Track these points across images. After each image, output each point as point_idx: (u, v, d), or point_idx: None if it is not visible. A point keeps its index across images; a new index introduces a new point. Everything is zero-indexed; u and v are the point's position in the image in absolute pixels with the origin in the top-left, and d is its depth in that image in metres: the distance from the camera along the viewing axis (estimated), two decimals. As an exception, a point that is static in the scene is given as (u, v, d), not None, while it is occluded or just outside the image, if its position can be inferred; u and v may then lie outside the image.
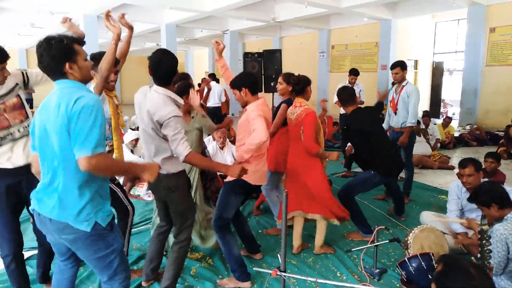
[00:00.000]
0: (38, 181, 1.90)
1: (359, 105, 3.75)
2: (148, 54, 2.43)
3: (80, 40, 1.80)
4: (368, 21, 12.64)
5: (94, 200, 1.75)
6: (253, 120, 2.59)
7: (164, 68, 2.34)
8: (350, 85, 6.48)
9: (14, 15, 12.12)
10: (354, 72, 6.51)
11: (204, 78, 8.22)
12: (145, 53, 21.65)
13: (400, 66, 4.56)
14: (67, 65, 1.70)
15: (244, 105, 2.77)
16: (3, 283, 2.80)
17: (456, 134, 9.17)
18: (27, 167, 2.21)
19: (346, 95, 3.57)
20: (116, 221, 2.03)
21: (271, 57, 7.96)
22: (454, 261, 1.60)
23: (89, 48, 2.61)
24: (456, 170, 3.47)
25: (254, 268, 2.87)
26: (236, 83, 2.74)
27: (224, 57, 3.13)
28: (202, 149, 3.38)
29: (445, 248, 2.96)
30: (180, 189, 2.41)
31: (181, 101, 2.40)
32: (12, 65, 2.32)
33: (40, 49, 1.69)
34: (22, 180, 2.28)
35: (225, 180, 2.84)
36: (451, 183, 3.48)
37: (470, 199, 2.69)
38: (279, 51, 8.18)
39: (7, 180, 2.25)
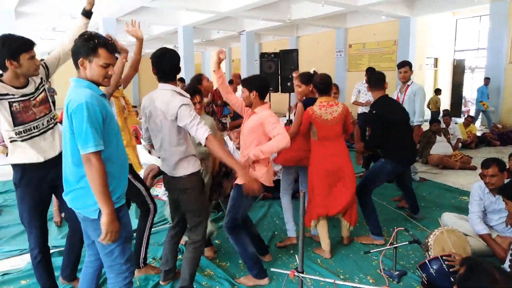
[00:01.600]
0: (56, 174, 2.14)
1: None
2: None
3: (111, 47, 1.88)
4: (386, 19, 12.46)
5: None
6: (274, 124, 2.61)
7: (166, 64, 2.36)
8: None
9: (36, 20, 12.45)
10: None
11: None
12: (163, 55, 21.92)
13: (409, 65, 4.59)
14: (80, 59, 1.84)
15: (249, 105, 2.78)
16: (25, 278, 2.87)
17: (478, 134, 8.94)
18: (55, 159, 2.32)
19: (374, 78, 3.53)
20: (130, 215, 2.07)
21: (288, 57, 7.93)
22: (477, 264, 1.55)
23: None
24: (479, 171, 3.39)
25: (271, 269, 2.85)
26: (249, 83, 2.75)
27: (221, 68, 3.04)
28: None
29: (467, 250, 2.89)
30: (190, 190, 2.43)
31: (187, 95, 2.40)
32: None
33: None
34: (50, 172, 2.35)
35: (237, 182, 2.81)
36: (473, 184, 3.39)
37: (499, 192, 2.64)
38: (295, 51, 8.14)
39: (37, 174, 2.32)
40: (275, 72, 7.96)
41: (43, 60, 2.45)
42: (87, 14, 2.60)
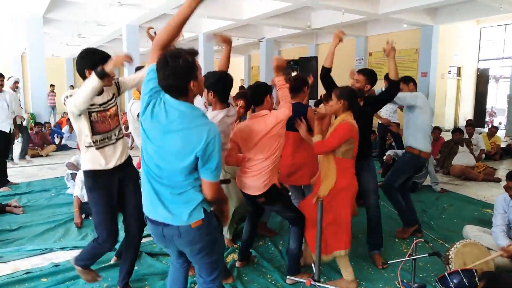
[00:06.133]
0: (131, 178, 2.54)
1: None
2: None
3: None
4: (407, 27, 12.32)
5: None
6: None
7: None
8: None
9: (62, 26, 12.85)
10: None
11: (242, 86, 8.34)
12: (183, 61, 22.23)
13: None
14: (191, 82, 1.75)
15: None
16: (46, 276, 2.94)
17: (503, 145, 8.68)
18: (120, 165, 2.51)
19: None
20: None
21: (307, 65, 7.95)
22: (497, 278, 1.51)
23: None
24: (503, 183, 3.29)
25: (288, 277, 2.84)
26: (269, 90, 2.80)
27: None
28: None
29: (490, 265, 2.79)
30: None
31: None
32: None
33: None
34: (116, 176, 2.52)
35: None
36: (497, 196, 3.29)
37: None
38: (315, 59, 8.14)
39: (107, 179, 2.48)
40: (294, 79, 7.95)
41: (118, 78, 2.60)
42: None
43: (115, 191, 2.54)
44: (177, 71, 1.67)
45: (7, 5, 9.92)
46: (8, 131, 5.60)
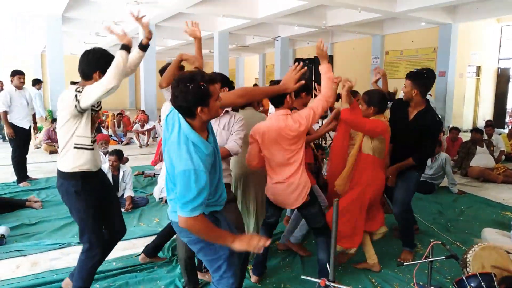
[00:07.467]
0: (104, 182, 2.52)
1: None
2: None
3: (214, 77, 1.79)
4: (425, 26, 12.10)
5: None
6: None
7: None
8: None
9: (80, 25, 13.07)
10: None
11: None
12: (198, 59, 22.35)
13: None
14: (198, 108, 1.73)
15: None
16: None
17: (524, 146, 8.46)
18: (99, 171, 2.54)
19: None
20: None
21: (323, 63, 7.88)
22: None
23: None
24: (524, 185, 3.20)
25: (302, 276, 2.82)
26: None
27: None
28: None
29: (510, 269, 2.73)
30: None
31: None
32: (77, 71, 2.50)
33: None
34: (99, 181, 2.53)
35: None
36: (517, 199, 3.21)
37: None
38: (330, 57, 8.06)
39: (95, 181, 2.47)
40: (310, 78, 7.92)
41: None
42: (144, 47, 2.62)
43: (100, 195, 2.51)
44: (185, 95, 1.69)
45: (27, 5, 10.14)
46: (27, 128, 5.72)
